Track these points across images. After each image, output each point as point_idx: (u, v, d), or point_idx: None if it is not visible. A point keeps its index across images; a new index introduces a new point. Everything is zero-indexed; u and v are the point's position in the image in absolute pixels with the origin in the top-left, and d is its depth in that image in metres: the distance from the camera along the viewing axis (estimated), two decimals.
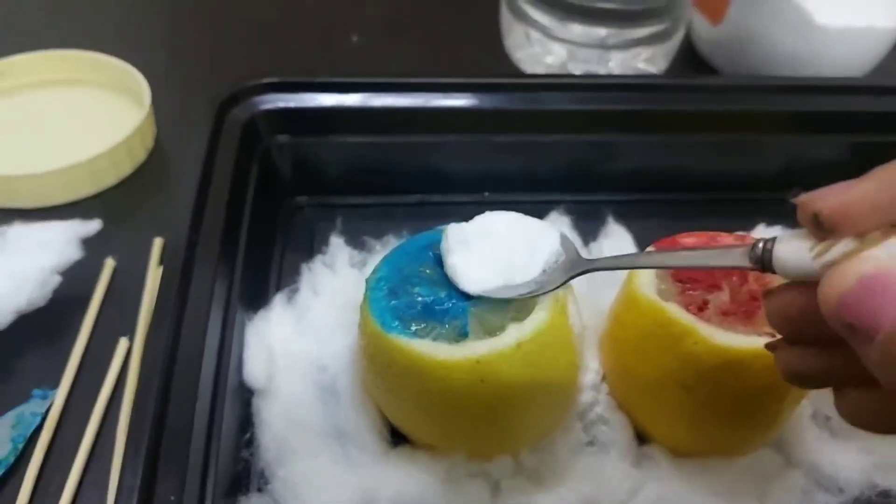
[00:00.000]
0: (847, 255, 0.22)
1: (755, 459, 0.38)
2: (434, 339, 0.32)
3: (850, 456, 0.38)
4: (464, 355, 0.31)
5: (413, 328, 0.32)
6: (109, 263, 0.45)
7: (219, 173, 0.42)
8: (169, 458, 0.31)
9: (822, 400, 0.40)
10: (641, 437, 0.38)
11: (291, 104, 0.46)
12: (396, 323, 0.32)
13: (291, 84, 0.46)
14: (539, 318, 0.32)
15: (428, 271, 0.35)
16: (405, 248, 0.36)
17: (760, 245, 0.26)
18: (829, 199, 0.22)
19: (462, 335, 0.32)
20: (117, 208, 0.50)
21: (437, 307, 0.33)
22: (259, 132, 0.46)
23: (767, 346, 0.28)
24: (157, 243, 0.46)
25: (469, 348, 0.31)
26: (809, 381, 0.26)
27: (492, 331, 0.32)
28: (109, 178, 0.50)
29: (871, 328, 0.20)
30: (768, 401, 0.34)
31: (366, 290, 0.34)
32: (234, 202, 0.41)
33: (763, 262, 0.25)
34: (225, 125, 0.44)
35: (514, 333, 0.32)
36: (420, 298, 0.33)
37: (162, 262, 0.45)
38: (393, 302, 0.33)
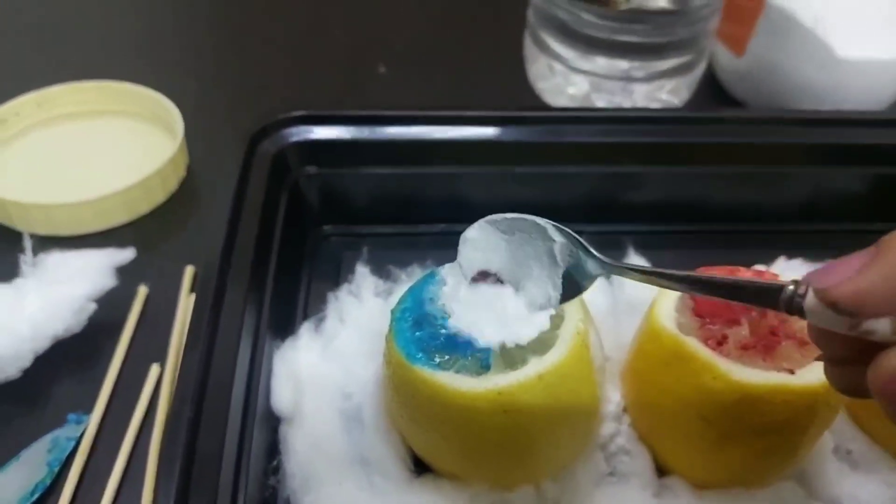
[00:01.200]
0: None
1: (776, 492, 0.38)
2: (457, 371, 0.33)
3: (871, 489, 0.38)
4: (486, 387, 0.32)
5: (437, 360, 0.33)
6: (142, 291, 0.47)
7: (249, 204, 0.43)
8: (199, 483, 0.32)
9: (843, 433, 0.40)
10: (662, 469, 0.39)
11: (320, 136, 0.47)
12: (421, 354, 0.33)
13: (319, 117, 0.47)
14: (560, 350, 0.33)
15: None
16: (429, 280, 0.37)
17: (791, 289, 0.25)
18: (842, 288, 0.23)
19: (484, 367, 0.33)
20: (150, 236, 0.51)
21: (459, 340, 0.34)
22: (288, 164, 0.47)
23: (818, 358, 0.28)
24: (189, 271, 0.47)
25: (491, 380, 0.32)
26: (859, 393, 0.26)
27: (513, 363, 0.33)
28: (143, 207, 0.52)
29: None
30: (788, 435, 0.35)
31: (391, 321, 0.35)
32: (263, 232, 0.43)
33: (791, 307, 0.25)
34: (255, 157, 0.46)
35: (536, 366, 0.32)
36: (443, 331, 0.34)
37: (193, 289, 0.46)
38: (417, 333, 0.34)
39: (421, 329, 0.34)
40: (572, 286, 0.34)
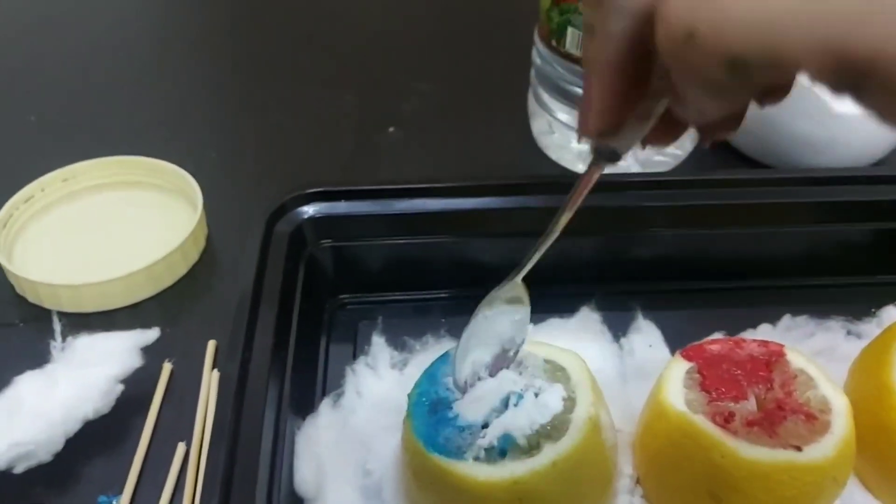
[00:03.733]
0: None
1: None
2: (475, 458, 0.34)
3: None
4: (502, 476, 0.33)
5: (454, 446, 0.34)
6: (167, 367, 0.48)
7: (269, 280, 0.45)
8: None
9: (853, 498, 0.41)
10: None
11: (334, 211, 0.49)
12: (437, 441, 0.35)
13: (333, 192, 0.49)
14: (573, 437, 0.34)
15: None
16: (444, 360, 0.39)
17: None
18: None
19: (501, 454, 0.34)
20: (173, 310, 0.53)
21: (475, 426, 0.35)
22: (305, 238, 0.49)
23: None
24: (211, 346, 0.49)
25: (507, 469, 0.33)
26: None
27: (528, 449, 0.34)
28: (167, 281, 0.54)
29: None
30: None
31: (408, 406, 0.37)
32: (283, 307, 0.44)
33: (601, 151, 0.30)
34: (274, 235, 0.47)
35: (550, 453, 0.34)
36: (459, 416, 0.35)
37: (216, 365, 0.48)
38: (433, 418, 0.36)
39: (436, 413, 0.36)
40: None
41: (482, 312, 0.38)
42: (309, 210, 0.49)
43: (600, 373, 0.46)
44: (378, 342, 0.48)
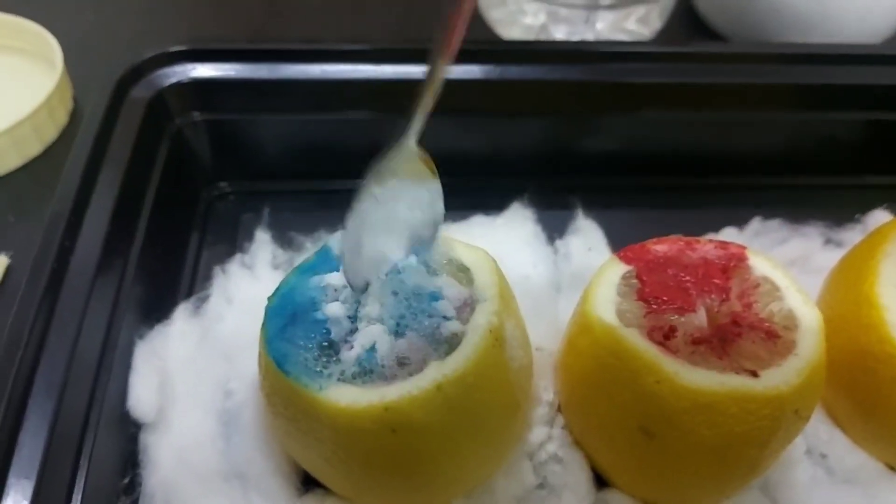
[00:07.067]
0: None
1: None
2: (340, 379, 0.26)
3: (849, 502, 0.32)
4: (369, 400, 0.25)
5: (314, 366, 0.26)
6: (2, 261, 0.40)
7: (112, 157, 0.36)
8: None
9: (817, 434, 0.34)
10: (601, 479, 0.32)
11: (205, 75, 0.40)
12: (294, 359, 0.27)
13: (205, 52, 0.39)
14: (465, 354, 0.26)
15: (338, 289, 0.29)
16: (321, 257, 0.30)
17: None
18: None
19: (370, 373, 0.26)
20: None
21: (342, 334, 0.27)
22: (168, 109, 0.39)
23: None
24: None
25: (377, 392, 0.25)
26: None
27: (405, 366, 0.26)
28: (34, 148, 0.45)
29: None
30: (748, 449, 0.28)
31: (265, 316, 0.29)
32: (128, 192, 0.35)
33: None
34: (126, 103, 0.38)
35: (434, 374, 0.26)
36: (326, 325, 0.27)
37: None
38: (293, 331, 0.27)
39: (296, 325, 0.28)
40: None
41: (371, 191, 0.29)
42: (174, 73, 0.39)
43: (527, 280, 0.38)
44: (262, 238, 0.40)
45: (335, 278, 0.29)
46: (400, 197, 0.29)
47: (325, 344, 0.27)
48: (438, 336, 0.27)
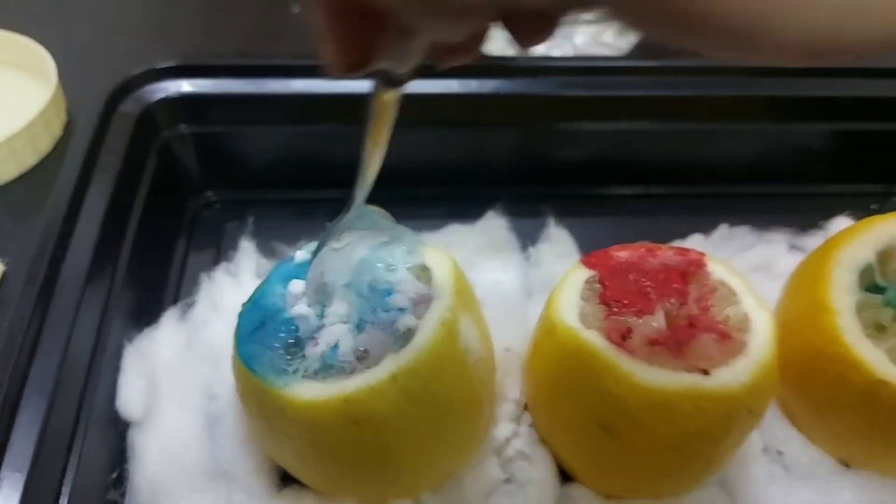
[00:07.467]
0: None
1: (695, 499, 0.33)
2: (304, 376, 0.27)
3: (805, 498, 0.34)
4: (330, 393, 0.27)
5: (280, 364, 0.28)
6: None
7: (102, 170, 0.37)
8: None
9: (774, 431, 0.35)
10: (566, 474, 0.34)
11: (192, 90, 0.41)
12: (261, 359, 0.28)
13: (192, 68, 0.41)
14: (417, 345, 0.27)
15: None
16: (288, 265, 0.32)
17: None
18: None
19: (330, 368, 0.27)
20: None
21: (306, 334, 0.29)
22: (156, 122, 0.41)
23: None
24: None
25: (336, 385, 0.27)
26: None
27: (362, 360, 0.28)
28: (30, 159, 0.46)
29: None
30: (703, 446, 0.30)
31: (237, 321, 0.30)
32: (118, 201, 0.37)
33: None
34: (115, 118, 0.39)
35: (389, 365, 0.27)
36: (292, 326, 0.29)
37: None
38: (262, 333, 0.29)
39: (265, 328, 0.29)
40: None
41: (329, 248, 0.30)
42: (162, 88, 0.41)
43: (500, 285, 0.40)
44: (246, 247, 0.41)
45: (303, 285, 0.30)
46: (358, 245, 0.30)
47: (292, 342, 0.29)
48: (395, 331, 0.28)
